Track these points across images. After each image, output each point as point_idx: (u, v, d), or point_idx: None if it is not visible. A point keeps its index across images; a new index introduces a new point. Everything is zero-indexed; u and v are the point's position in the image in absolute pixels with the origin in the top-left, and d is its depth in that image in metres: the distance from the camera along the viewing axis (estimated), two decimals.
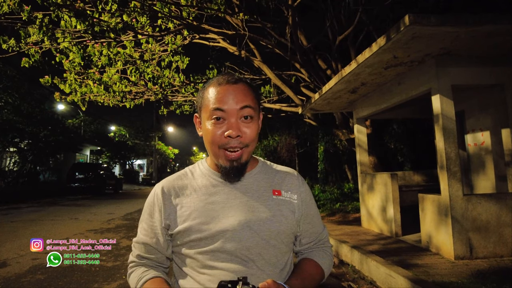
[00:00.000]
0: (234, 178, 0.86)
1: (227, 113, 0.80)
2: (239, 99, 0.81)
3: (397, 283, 2.64)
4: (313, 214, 0.97)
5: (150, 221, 0.87)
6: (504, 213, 3.21)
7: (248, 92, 0.83)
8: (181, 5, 4.66)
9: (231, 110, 0.80)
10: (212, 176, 0.90)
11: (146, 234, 0.87)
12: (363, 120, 5.55)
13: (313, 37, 7.15)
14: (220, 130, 0.80)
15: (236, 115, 0.80)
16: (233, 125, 0.80)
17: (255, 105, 0.84)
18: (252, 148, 0.85)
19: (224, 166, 0.83)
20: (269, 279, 0.72)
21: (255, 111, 0.83)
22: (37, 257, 3.81)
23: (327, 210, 7.27)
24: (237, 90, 0.82)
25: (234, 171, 0.83)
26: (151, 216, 0.88)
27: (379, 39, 3.13)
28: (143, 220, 0.90)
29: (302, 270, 0.90)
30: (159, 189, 0.89)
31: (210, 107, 0.81)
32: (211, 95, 0.82)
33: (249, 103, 0.82)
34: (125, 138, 27.52)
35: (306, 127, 13.89)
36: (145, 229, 0.88)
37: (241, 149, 0.81)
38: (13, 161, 14.34)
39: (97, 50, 5.16)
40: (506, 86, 3.57)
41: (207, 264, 0.80)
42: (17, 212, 8.14)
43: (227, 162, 0.82)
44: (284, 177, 0.95)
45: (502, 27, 2.81)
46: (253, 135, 0.83)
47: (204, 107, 0.84)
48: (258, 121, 0.86)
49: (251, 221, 0.83)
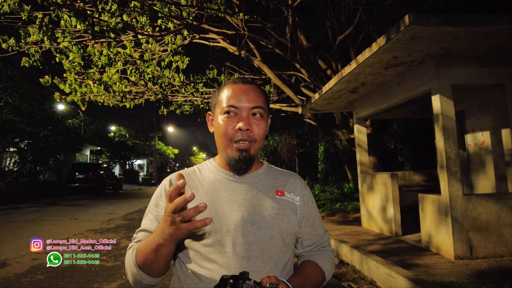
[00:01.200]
0: (242, 170, 0.89)
1: (239, 110, 0.86)
2: (251, 98, 0.87)
3: (397, 283, 2.64)
4: (315, 217, 0.99)
5: (156, 211, 0.89)
6: (504, 213, 3.21)
7: (260, 94, 0.90)
8: (181, 5, 4.65)
9: (243, 107, 0.86)
10: (219, 173, 0.93)
11: (151, 224, 0.88)
12: (363, 120, 5.54)
13: (313, 37, 7.16)
14: (231, 124, 0.86)
15: (248, 112, 0.86)
16: (244, 119, 0.85)
17: (266, 107, 0.90)
18: (259, 145, 0.89)
19: (233, 157, 0.87)
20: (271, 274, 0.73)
21: (265, 112, 0.89)
22: (37, 257, 3.81)
23: (327, 210, 7.27)
24: (250, 90, 0.88)
25: (243, 161, 0.87)
26: (157, 206, 0.89)
27: (379, 39, 3.13)
28: (149, 212, 0.90)
29: (303, 271, 0.91)
30: (167, 181, 0.93)
31: (224, 104, 0.87)
32: (226, 94, 0.88)
33: (261, 104, 0.88)
34: (125, 138, 27.53)
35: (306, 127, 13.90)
36: (150, 219, 0.89)
37: (249, 142, 0.86)
38: (13, 161, 14.35)
39: (97, 50, 5.16)
40: (506, 86, 3.57)
41: (210, 257, 0.81)
42: (17, 212, 8.14)
43: (236, 152, 0.86)
44: (288, 179, 0.99)
45: (502, 27, 2.81)
46: (262, 132, 0.88)
47: (218, 104, 0.90)
48: (266, 122, 0.92)
49: (254, 218, 0.85)
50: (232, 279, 0.66)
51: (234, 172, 0.91)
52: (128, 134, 28.20)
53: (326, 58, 7.06)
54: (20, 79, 13.78)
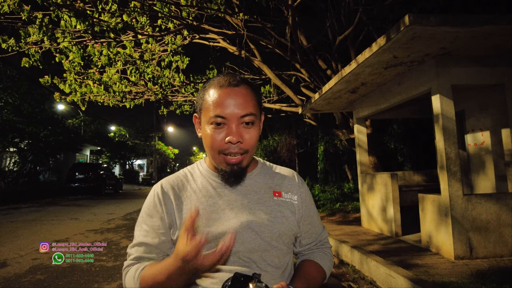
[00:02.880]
0: (234, 182, 0.86)
1: (227, 119, 0.78)
2: (240, 105, 0.78)
3: (397, 283, 2.64)
4: (313, 215, 0.97)
5: (151, 221, 0.84)
6: (504, 213, 3.21)
7: (250, 96, 0.81)
8: (181, 5, 4.65)
9: (232, 116, 0.78)
10: (212, 178, 0.89)
11: (147, 235, 0.83)
12: (363, 120, 5.54)
13: (313, 37, 7.16)
14: (220, 135, 0.79)
15: (237, 121, 0.78)
16: (233, 131, 0.78)
17: (257, 110, 0.82)
18: (252, 153, 0.84)
19: (224, 170, 0.82)
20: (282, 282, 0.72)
21: (256, 117, 0.81)
22: (37, 257, 3.80)
23: (327, 210, 7.26)
24: (239, 95, 0.79)
25: (234, 175, 0.82)
26: (151, 216, 0.85)
27: (379, 39, 3.12)
28: (142, 222, 0.86)
29: (305, 273, 0.90)
30: (158, 188, 0.88)
31: (211, 112, 0.79)
32: (212, 98, 0.79)
33: (251, 110, 0.80)
34: (125, 138, 27.52)
35: (306, 127, 13.89)
36: (145, 230, 0.84)
37: (241, 155, 0.80)
38: (13, 161, 14.34)
39: (97, 50, 5.16)
40: (506, 86, 3.57)
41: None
42: (17, 212, 8.13)
43: (227, 167, 0.81)
44: (284, 178, 0.95)
45: (502, 27, 2.81)
46: (254, 141, 0.81)
47: (204, 110, 0.81)
48: (259, 125, 0.85)
49: (253, 223, 0.82)
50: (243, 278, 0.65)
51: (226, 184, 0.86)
52: (128, 134, 28.19)
53: (326, 58, 7.06)
54: (20, 79, 13.77)
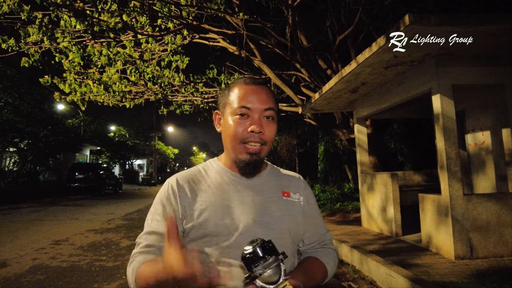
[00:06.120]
0: (251, 173, 0.90)
1: (252, 111, 0.85)
2: (264, 100, 0.86)
3: (397, 283, 2.64)
4: (316, 216, 1.01)
5: (164, 211, 0.85)
6: (504, 213, 3.21)
7: (271, 95, 0.89)
8: (181, 5, 4.65)
9: (256, 108, 0.85)
10: (227, 174, 0.92)
11: (159, 224, 0.83)
12: (363, 120, 5.54)
13: (313, 37, 7.15)
14: (243, 125, 0.85)
15: (260, 113, 0.85)
16: (256, 121, 0.84)
17: (276, 108, 0.90)
18: (269, 147, 0.89)
19: (243, 159, 0.86)
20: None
21: (275, 113, 0.89)
22: (37, 257, 3.80)
23: (327, 210, 7.26)
24: (262, 91, 0.87)
25: (252, 165, 0.87)
26: (165, 207, 0.86)
27: (379, 39, 3.12)
28: (154, 212, 0.86)
29: (305, 267, 0.91)
30: (173, 181, 0.90)
31: (236, 104, 0.86)
32: (237, 93, 0.87)
33: (272, 105, 0.87)
34: (125, 138, 27.50)
35: (306, 127, 13.90)
36: (157, 219, 0.84)
37: (260, 146, 0.85)
38: (13, 161, 14.33)
39: (97, 50, 5.15)
40: (506, 86, 3.57)
41: (221, 260, 0.81)
42: (17, 212, 8.13)
43: (247, 155, 0.86)
44: (291, 179, 1.00)
45: (502, 27, 2.81)
46: (272, 135, 0.88)
47: (228, 104, 0.88)
48: (276, 122, 0.91)
49: (264, 219, 0.86)
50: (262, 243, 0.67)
51: (242, 175, 0.91)
52: (128, 134, 28.17)
53: (326, 58, 7.06)
54: (19, 79, 13.77)
